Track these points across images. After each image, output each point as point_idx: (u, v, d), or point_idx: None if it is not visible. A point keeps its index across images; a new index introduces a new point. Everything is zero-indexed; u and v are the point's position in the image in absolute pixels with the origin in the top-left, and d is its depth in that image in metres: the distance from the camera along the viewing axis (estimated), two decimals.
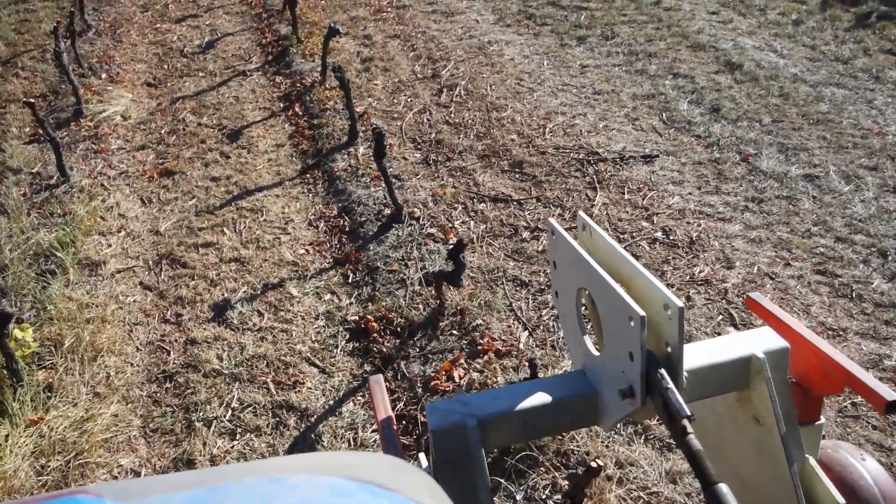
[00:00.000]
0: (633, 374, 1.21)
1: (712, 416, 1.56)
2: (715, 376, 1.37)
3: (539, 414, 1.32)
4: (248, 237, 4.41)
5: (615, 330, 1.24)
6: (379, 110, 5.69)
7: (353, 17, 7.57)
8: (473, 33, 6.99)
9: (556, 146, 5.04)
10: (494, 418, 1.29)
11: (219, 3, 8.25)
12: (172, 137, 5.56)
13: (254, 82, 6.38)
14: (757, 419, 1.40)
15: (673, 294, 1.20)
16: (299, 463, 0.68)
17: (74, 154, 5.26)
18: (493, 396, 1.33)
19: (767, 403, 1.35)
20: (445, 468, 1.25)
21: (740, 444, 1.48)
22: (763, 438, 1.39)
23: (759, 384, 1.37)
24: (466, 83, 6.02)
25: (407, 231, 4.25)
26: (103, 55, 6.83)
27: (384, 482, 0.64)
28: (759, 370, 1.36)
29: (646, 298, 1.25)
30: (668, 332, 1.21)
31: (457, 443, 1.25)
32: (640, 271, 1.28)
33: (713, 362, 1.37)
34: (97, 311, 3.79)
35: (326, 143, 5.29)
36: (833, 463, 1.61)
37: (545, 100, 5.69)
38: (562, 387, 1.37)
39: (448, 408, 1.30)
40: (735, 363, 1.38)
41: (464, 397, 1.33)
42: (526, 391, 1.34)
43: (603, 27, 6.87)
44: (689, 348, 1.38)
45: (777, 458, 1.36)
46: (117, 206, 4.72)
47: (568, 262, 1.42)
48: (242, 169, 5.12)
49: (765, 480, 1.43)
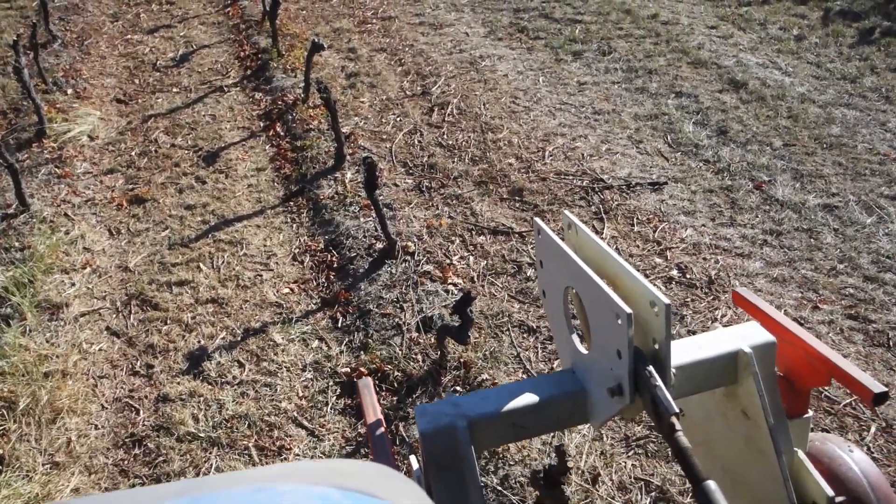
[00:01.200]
0: (621, 371, 1.20)
1: (701, 412, 1.55)
2: (702, 372, 1.38)
3: (529, 414, 1.31)
4: (226, 274, 4.03)
5: (602, 328, 1.24)
6: (367, 131, 5.34)
7: (337, 28, 7.21)
8: (464, 47, 6.67)
9: (557, 171, 4.72)
10: (484, 419, 1.28)
11: (194, 12, 7.85)
12: (144, 160, 5.16)
13: (232, 99, 6.00)
14: (745, 414, 1.40)
15: (659, 291, 1.19)
16: (285, 472, 0.68)
17: (36, 179, 4.84)
18: (482, 397, 1.32)
19: (755, 398, 1.35)
20: (436, 471, 1.24)
21: (730, 438, 1.48)
22: (751, 433, 1.40)
23: (746, 379, 1.37)
24: (459, 101, 5.68)
25: (401, 268, 3.90)
26: (69, 69, 6.40)
27: (371, 490, 0.64)
28: (746, 365, 1.36)
29: (632, 296, 1.25)
30: (656, 329, 1.21)
31: (446, 445, 1.24)
32: (625, 269, 1.27)
33: (700, 358, 1.37)
34: (58, 364, 3.40)
35: (311, 167, 4.92)
36: (821, 455, 1.61)
37: (543, 120, 5.37)
38: (551, 386, 1.37)
39: (437, 410, 1.28)
40: (722, 358, 1.38)
41: (453, 399, 1.32)
42: (515, 391, 1.33)
43: (599, 41, 6.58)
44: (676, 344, 1.38)
45: (766, 453, 1.36)
46: (82, 238, 4.31)
47: (554, 261, 1.42)
48: (220, 196, 4.73)
49: (755, 475, 1.43)
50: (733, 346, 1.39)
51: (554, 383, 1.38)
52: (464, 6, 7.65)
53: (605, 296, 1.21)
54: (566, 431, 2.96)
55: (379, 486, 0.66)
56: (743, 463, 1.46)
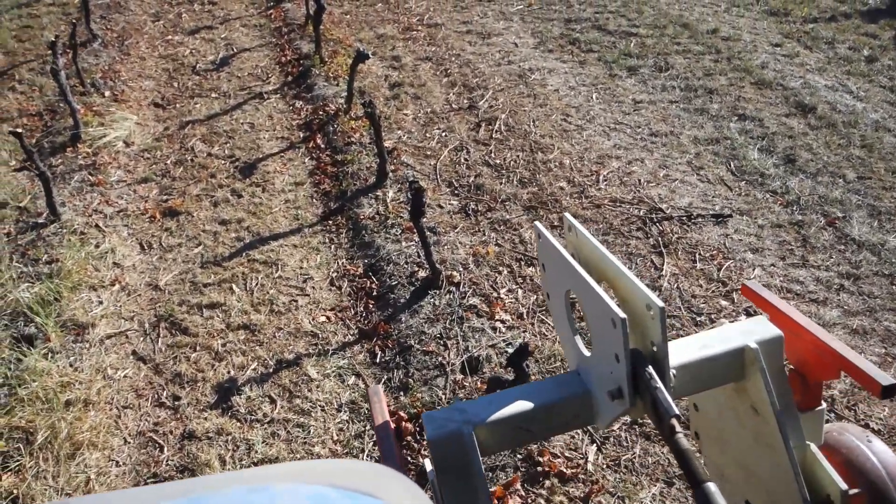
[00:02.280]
0: (620, 374, 1.20)
1: (714, 407, 1.54)
2: (709, 369, 1.36)
3: (535, 418, 1.32)
4: (260, 297, 3.82)
5: (601, 332, 1.24)
6: (410, 146, 5.10)
7: (381, 35, 6.98)
8: (512, 58, 6.39)
9: (612, 198, 4.43)
10: (490, 425, 1.28)
11: (236, 14, 7.69)
12: (179, 169, 4.98)
13: (271, 107, 5.80)
14: (754, 409, 1.39)
15: (654, 294, 1.18)
16: (282, 472, 0.68)
17: (68, 186, 4.68)
18: (488, 402, 1.32)
19: (763, 394, 1.33)
20: (445, 476, 1.25)
21: (741, 434, 1.46)
22: (761, 428, 1.38)
23: (753, 375, 1.36)
24: (507, 117, 5.41)
25: (445, 300, 3.65)
26: (108, 69, 6.26)
27: (368, 489, 0.64)
28: (753, 360, 1.35)
29: (630, 298, 1.25)
30: (653, 332, 1.21)
31: (454, 451, 1.25)
32: (622, 272, 1.27)
33: (706, 355, 1.35)
34: (80, 391, 3.20)
35: (351, 183, 4.69)
36: (839, 446, 1.59)
37: (596, 140, 5.08)
38: (557, 389, 1.37)
39: (444, 416, 1.28)
40: (728, 355, 1.36)
41: (460, 405, 1.32)
42: (521, 395, 1.33)
43: (655, 57, 6.26)
44: (682, 342, 1.38)
45: (776, 447, 1.34)
46: (112, 252, 4.13)
47: (555, 264, 1.42)
48: (256, 211, 4.52)
49: (767, 469, 1.41)
50: (740, 342, 1.37)
51: (559, 386, 1.38)
52: (513, 15, 7.38)
53: (601, 300, 1.21)
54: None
55: (376, 486, 0.66)
56: (755, 458, 1.44)
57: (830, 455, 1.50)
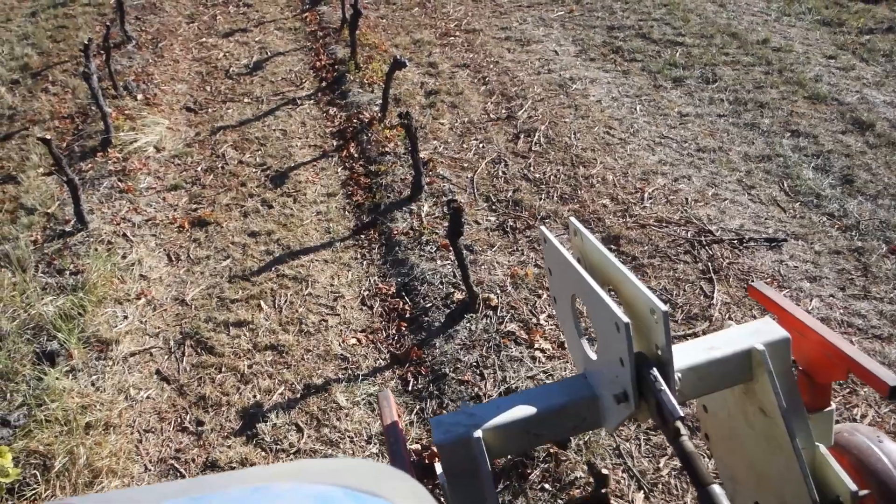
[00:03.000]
0: (625, 378, 1.20)
1: (723, 409, 1.53)
2: (716, 371, 1.35)
3: (542, 421, 1.30)
4: (288, 316, 3.67)
5: (605, 336, 1.23)
6: (446, 157, 4.92)
7: (417, 40, 6.82)
8: (552, 67, 6.19)
9: (658, 218, 4.21)
10: (498, 429, 1.27)
11: (271, 16, 7.58)
12: (209, 177, 4.86)
13: (304, 113, 5.67)
14: (763, 410, 1.37)
15: (657, 298, 1.18)
16: (284, 471, 0.67)
17: (97, 192, 4.59)
18: (496, 406, 1.32)
19: (770, 395, 1.32)
20: (453, 480, 1.25)
21: (751, 435, 1.45)
22: (770, 429, 1.37)
23: (760, 376, 1.34)
24: (546, 128, 5.22)
25: (482, 325, 3.47)
26: (141, 72, 6.18)
27: (371, 488, 0.63)
28: (759, 362, 1.34)
29: (635, 303, 1.25)
30: (657, 336, 1.20)
31: (462, 455, 1.24)
32: (626, 276, 1.27)
33: (713, 357, 1.35)
34: (101, 413, 3.08)
35: (385, 195, 4.53)
36: (850, 447, 1.57)
37: (640, 155, 4.86)
38: (564, 392, 1.35)
39: (452, 420, 1.27)
40: (736, 357, 1.35)
41: (468, 409, 1.32)
42: (529, 399, 1.32)
43: (702, 68, 6.01)
44: (690, 345, 1.37)
45: (785, 448, 1.33)
46: (139, 263, 4.02)
47: (560, 269, 1.41)
48: (286, 223, 4.38)
49: (776, 470, 1.40)
50: (746, 344, 1.36)
51: (566, 390, 1.37)
52: (553, 21, 7.17)
53: (605, 305, 1.21)
54: None
55: (379, 485, 0.66)
56: (765, 459, 1.43)
57: (841, 456, 1.49)
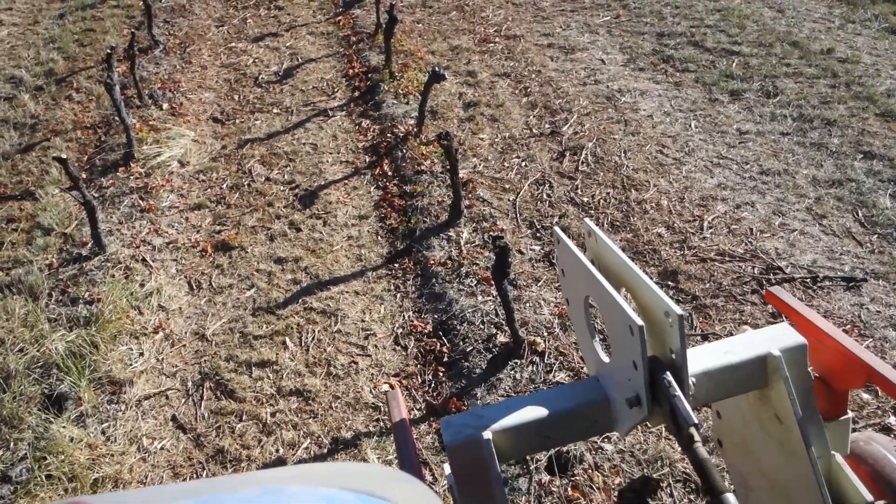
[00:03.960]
0: (638, 382, 1.19)
1: (737, 415, 1.49)
2: (731, 377, 1.33)
3: (553, 424, 1.29)
4: (316, 356, 3.37)
5: (619, 339, 1.23)
6: (486, 177, 4.59)
7: (455, 46, 6.48)
8: (599, 77, 5.81)
9: (719, 251, 3.83)
10: (508, 430, 1.26)
11: (303, 20, 7.30)
12: (235, 195, 4.58)
13: (336, 125, 5.37)
14: (778, 417, 1.34)
15: (672, 301, 1.16)
16: (296, 474, 0.68)
17: (117, 212, 4.33)
18: (506, 408, 1.30)
19: (786, 402, 1.31)
20: (463, 482, 1.24)
21: (765, 442, 1.41)
22: (785, 437, 1.34)
23: (776, 383, 1.33)
24: (594, 146, 4.85)
25: (528, 373, 3.14)
26: (168, 79, 5.93)
27: (381, 493, 0.63)
28: (775, 368, 1.31)
29: (649, 306, 1.25)
30: (671, 340, 1.19)
31: (472, 457, 1.24)
32: (641, 279, 1.26)
33: (728, 363, 1.32)
34: (110, 468, 2.81)
35: (421, 219, 4.21)
36: (866, 456, 1.54)
37: (698, 178, 4.47)
38: (576, 395, 1.34)
39: (462, 422, 1.26)
40: (751, 362, 1.33)
41: (478, 410, 1.30)
42: (540, 401, 1.31)
43: (762, 80, 5.59)
44: (704, 349, 1.36)
45: (800, 456, 1.31)
46: (158, 292, 3.75)
47: (574, 270, 1.42)
48: (315, 248, 4.09)
49: (790, 479, 1.36)
50: (763, 349, 1.34)
51: (578, 392, 1.35)
52: (598, 28, 6.78)
53: (618, 307, 1.19)
54: None
55: (392, 490, 0.66)
56: (779, 467, 1.41)
57: (857, 465, 1.47)
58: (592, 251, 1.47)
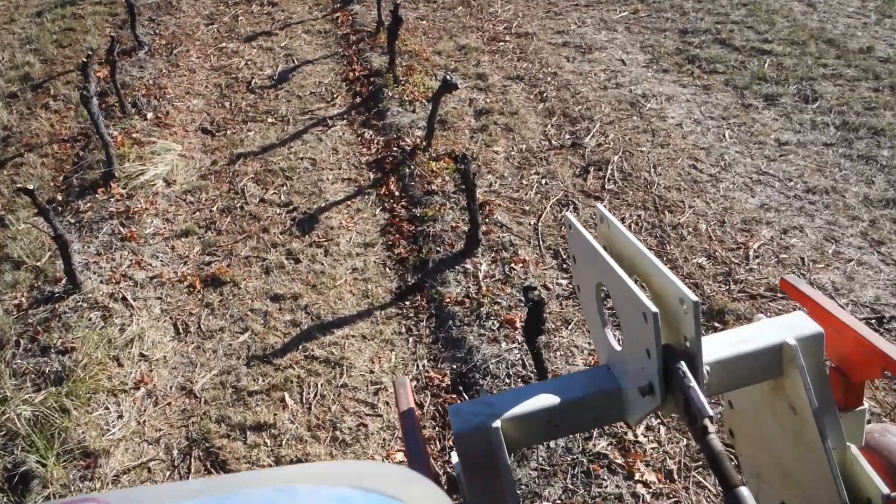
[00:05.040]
0: (651, 370, 1.16)
1: (750, 405, 1.47)
2: (745, 366, 1.31)
3: (563, 412, 1.27)
4: (319, 416, 2.96)
5: (632, 326, 1.21)
6: (504, 197, 4.16)
7: (463, 46, 6.03)
8: (621, 80, 5.37)
9: (769, 285, 3.42)
10: (518, 419, 1.24)
11: (298, 17, 6.82)
12: (226, 220, 4.15)
13: (336, 137, 4.93)
14: (792, 408, 1.32)
15: (687, 288, 1.14)
16: (306, 472, 0.68)
17: (96, 240, 3.91)
18: (516, 396, 1.27)
19: (801, 392, 1.28)
20: (471, 471, 1.23)
21: (779, 433, 1.39)
22: (799, 427, 1.32)
23: (791, 372, 1.30)
24: (620, 159, 4.42)
25: (563, 442, 2.73)
26: (153, 84, 5.48)
27: (392, 492, 0.63)
28: (791, 358, 1.29)
29: (663, 293, 1.22)
30: (686, 327, 1.16)
31: (480, 445, 1.22)
32: (655, 265, 1.24)
33: (743, 351, 1.29)
34: None
35: (434, 248, 3.78)
36: (881, 447, 1.50)
37: (738, 197, 4.05)
38: (586, 384, 1.31)
39: (471, 410, 1.24)
40: (766, 351, 1.30)
41: (487, 398, 1.28)
42: (550, 389, 1.29)
43: (798, 83, 5.16)
44: (718, 337, 1.34)
45: (815, 448, 1.29)
46: (140, 338, 3.33)
47: (586, 257, 1.40)
48: (316, 283, 3.66)
49: (804, 471, 1.35)
50: (778, 338, 1.30)
51: (589, 380, 1.32)
52: (616, 24, 6.32)
53: (632, 294, 1.17)
54: None
55: (400, 489, 0.65)
56: (793, 458, 1.37)
57: (872, 457, 1.44)
58: (605, 237, 1.45)
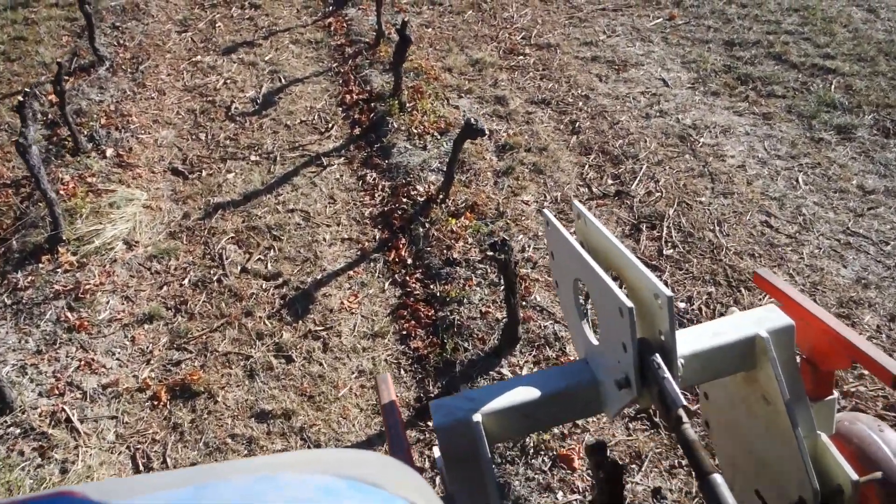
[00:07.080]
0: (628, 364, 1.19)
1: (724, 396, 1.51)
2: (719, 358, 1.34)
3: (542, 406, 1.29)
4: None
5: (608, 321, 1.22)
6: (541, 268, 3.40)
7: (476, 60, 5.22)
8: (665, 106, 4.60)
9: (887, 402, 2.70)
10: (498, 413, 1.26)
11: (284, 23, 5.97)
12: (200, 298, 3.37)
13: (333, 180, 4.13)
14: (765, 398, 1.36)
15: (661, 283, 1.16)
16: (288, 461, 0.66)
17: (35, 332, 3.12)
18: (496, 391, 1.29)
19: (773, 383, 1.31)
20: (453, 464, 1.23)
21: (752, 423, 1.43)
22: (772, 417, 1.35)
23: (764, 364, 1.33)
24: (676, 213, 3.67)
25: None
26: (114, 111, 4.65)
27: (374, 480, 0.63)
28: (763, 350, 1.32)
29: (638, 288, 1.24)
30: (660, 321, 1.19)
31: (461, 439, 1.23)
32: (630, 261, 1.26)
33: (717, 344, 1.33)
34: None
35: (461, 345, 3.02)
36: (851, 435, 1.56)
37: (827, 268, 3.32)
38: (565, 377, 1.33)
39: (452, 404, 1.26)
40: (739, 344, 1.34)
41: (468, 393, 1.30)
42: (530, 383, 1.31)
43: (874, 110, 4.40)
44: (693, 330, 1.36)
45: (787, 437, 1.32)
46: (88, 480, 2.55)
47: (563, 252, 1.40)
48: (314, 393, 2.90)
49: (777, 459, 1.38)
50: (750, 331, 1.33)
51: (567, 375, 1.33)
52: (650, 33, 5.53)
53: (608, 289, 1.19)
54: None
55: (382, 477, 0.65)
56: (766, 447, 1.40)
57: (842, 445, 1.47)
58: (581, 233, 1.45)
